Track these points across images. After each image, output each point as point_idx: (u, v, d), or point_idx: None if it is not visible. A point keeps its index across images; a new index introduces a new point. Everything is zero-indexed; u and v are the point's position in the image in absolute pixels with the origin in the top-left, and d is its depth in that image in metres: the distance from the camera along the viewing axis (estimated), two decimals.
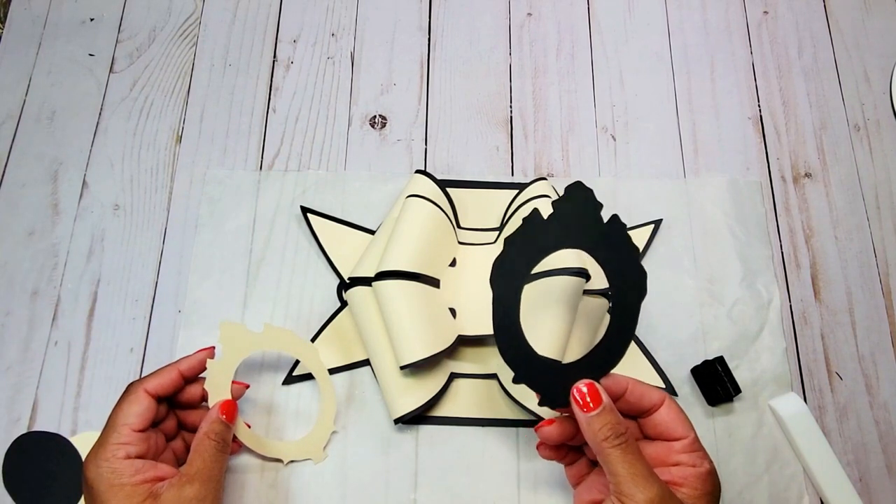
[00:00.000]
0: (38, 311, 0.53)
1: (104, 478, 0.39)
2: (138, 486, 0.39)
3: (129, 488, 0.39)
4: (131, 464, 0.40)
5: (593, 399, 0.38)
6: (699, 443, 0.39)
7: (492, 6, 0.64)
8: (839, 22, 0.64)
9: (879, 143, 0.59)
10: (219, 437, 0.42)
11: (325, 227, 0.55)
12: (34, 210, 0.56)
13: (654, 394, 0.40)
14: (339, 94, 0.61)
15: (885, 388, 0.52)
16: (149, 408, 0.42)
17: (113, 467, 0.39)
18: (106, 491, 0.39)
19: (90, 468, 0.40)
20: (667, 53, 0.63)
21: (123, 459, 0.40)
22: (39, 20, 0.63)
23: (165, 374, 0.44)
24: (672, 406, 0.39)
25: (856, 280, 0.55)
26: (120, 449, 0.40)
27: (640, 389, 0.40)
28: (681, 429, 0.39)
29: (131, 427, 0.41)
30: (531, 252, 0.38)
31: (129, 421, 0.41)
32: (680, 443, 0.39)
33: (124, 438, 0.40)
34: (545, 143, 0.59)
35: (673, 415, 0.39)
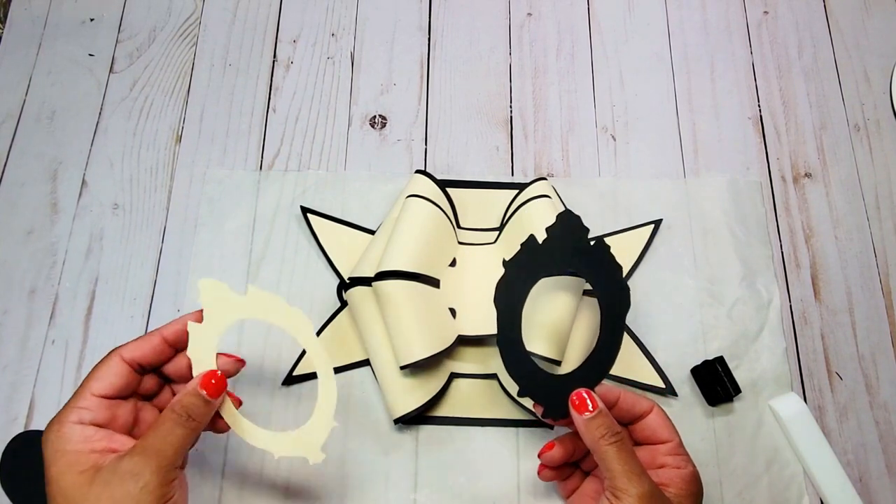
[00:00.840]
0: (35, 310, 0.53)
1: (51, 441, 0.36)
2: (83, 455, 0.36)
3: (71, 455, 0.36)
4: (82, 430, 0.37)
5: (590, 403, 0.41)
6: (683, 447, 0.42)
7: (492, 6, 0.64)
8: (839, 22, 0.64)
9: (879, 143, 0.59)
10: (186, 410, 0.38)
11: (325, 227, 0.55)
12: (33, 209, 0.56)
13: (644, 402, 0.43)
14: (339, 94, 0.61)
15: (885, 388, 0.52)
16: (119, 374, 0.39)
17: (62, 431, 0.36)
18: (51, 455, 0.36)
19: (45, 431, 0.37)
20: (667, 53, 0.63)
21: (75, 424, 0.37)
22: (39, 20, 0.63)
23: (146, 340, 0.40)
24: (660, 412, 0.43)
25: (856, 280, 0.55)
26: (75, 413, 0.37)
27: (631, 398, 0.43)
28: (666, 433, 0.42)
29: (93, 392, 0.38)
30: (529, 273, 0.43)
31: (93, 386, 0.38)
32: (665, 446, 0.42)
33: (83, 402, 0.37)
34: (545, 143, 0.59)
35: (660, 420, 0.42)
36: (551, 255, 0.43)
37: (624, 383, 0.51)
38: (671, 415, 0.50)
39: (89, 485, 0.35)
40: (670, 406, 0.51)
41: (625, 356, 0.51)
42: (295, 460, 0.47)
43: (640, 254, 0.55)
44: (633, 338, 0.52)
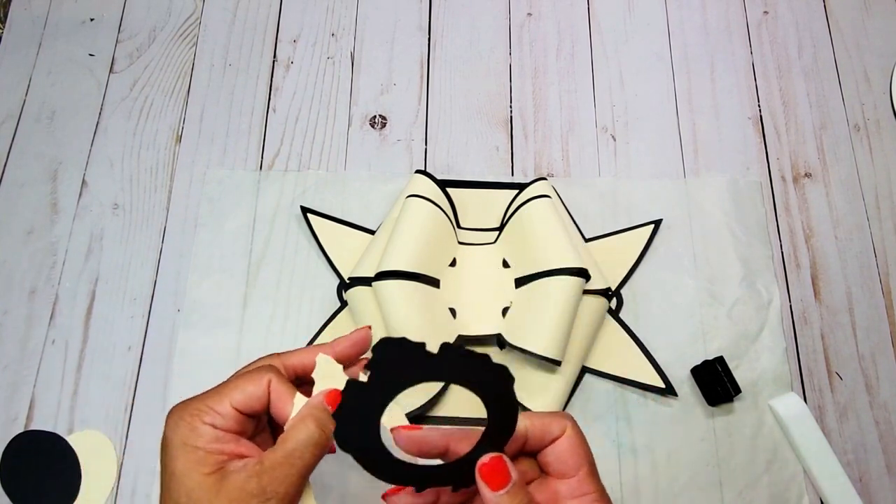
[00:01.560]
0: (35, 310, 0.53)
1: (181, 434, 0.34)
2: (212, 455, 0.34)
3: (201, 453, 0.34)
4: (211, 430, 0.34)
5: (502, 475, 0.33)
6: (592, 481, 0.34)
7: (492, 6, 0.64)
8: (839, 22, 0.64)
9: (879, 143, 0.59)
10: (321, 423, 0.34)
11: (325, 227, 0.55)
12: (33, 209, 0.56)
13: (556, 426, 0.35)
14: (339, 94, 0.61)
15: (885, 388, 0.52)
16: (262, 397, 0.35)
17: (194, 426, 0.34)
18: (178, 447, 0.34)
19: (172, 419, 0.35)
20: (667, 53, 0.63)
21: (205, 423, 0.34)
22: (39, 20, 0.63)
23: (307, 353, 0.37)
24: (571, 438, 0.35)
25: (856, 280, 0.55)
26: (210, 416, 0.35)
27: (539, 427, 0.35)
28: (571, 465, 0.34)
29: (233, 403, 0.35)
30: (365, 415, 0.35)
31: (235, 397, 0.35)
32: (566, 484, 0.34)
33: (220, 408, 0.35)
34: (545, 143, 0.59)
35: (566, 447, 0.35)
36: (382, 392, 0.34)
37: (624, 383, 0.51)
38: (671, 415, 0.50)
39: (216, 491, 0.33)
40: (670, 406, 0.51)
41: (625, 356, 0.51)
42: None
43: (640, 254, 0.55)
44: (633, 338, 0.52)
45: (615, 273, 0.54)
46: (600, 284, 0.51)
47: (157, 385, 0.51)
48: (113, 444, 0.49)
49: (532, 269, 0.50)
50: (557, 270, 0.48)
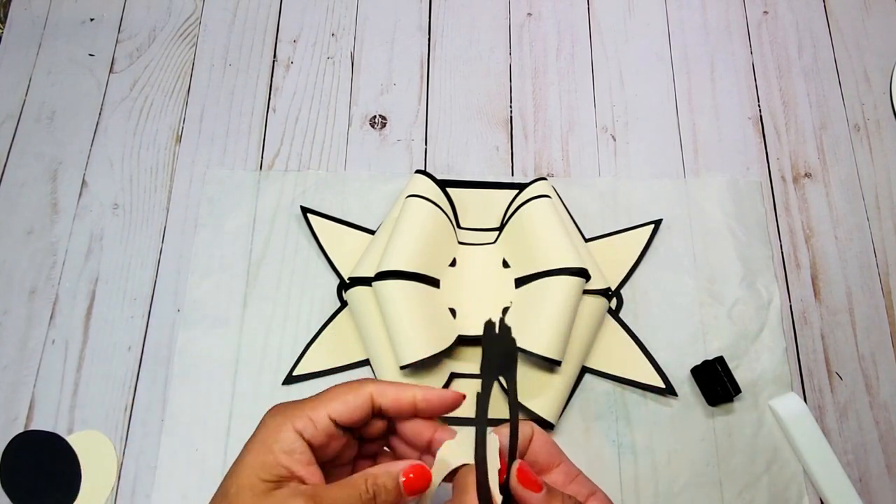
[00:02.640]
0: (35, 310, 0.53)
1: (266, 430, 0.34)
2: (277, 466, 0.33)
3: (270, 458, 0.33)
4: (295, 440, 0.34)
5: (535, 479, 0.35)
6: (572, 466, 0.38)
7: (492, 6, 0.64)
8: (839, 22, 0.64)
9: (879, 143, 0.59)
10: (376, 489, 0.34)
11: (325, 227, 0.55)
12: (33, 209, 0.56)
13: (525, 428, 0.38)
14: (339, 94, 0.61)
15: (885, 388, 0.52)
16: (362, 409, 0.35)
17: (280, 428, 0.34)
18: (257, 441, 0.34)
19: (269, 413, 0.35)
20: (667, 53, 0.63)
21: (295, 432, 0.34)
22: (39, 20, 0.63)
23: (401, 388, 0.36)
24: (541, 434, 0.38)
25: (856, 280, 0.55)
26: (303, 421, 0.34)
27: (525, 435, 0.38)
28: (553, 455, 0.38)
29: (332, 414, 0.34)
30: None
31: (335, 407, 0.35)
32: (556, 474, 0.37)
33: (316, 416, 0.34)
34: (545, 143, 0.59)
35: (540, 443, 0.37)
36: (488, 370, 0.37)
37: (624, 383, 0.51)
38: (671, 415, 0.50)
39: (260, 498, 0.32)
40: (670, 406, 0.51)
41: (625, 356, 0.51)
42: None
43: (640, 254, 0.55)
44: (633, 338, 0.52)
45: (615, 273, 0.54)
46: (600, 284, 0.51)
47: (157, 385, 0.51)
48: (113, 444, 0.49)
49: (532, 269, 0.50)
50: (557, 270, 0.48)
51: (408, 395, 0.36)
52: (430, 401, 0.36)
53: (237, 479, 0.33)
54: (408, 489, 0.34)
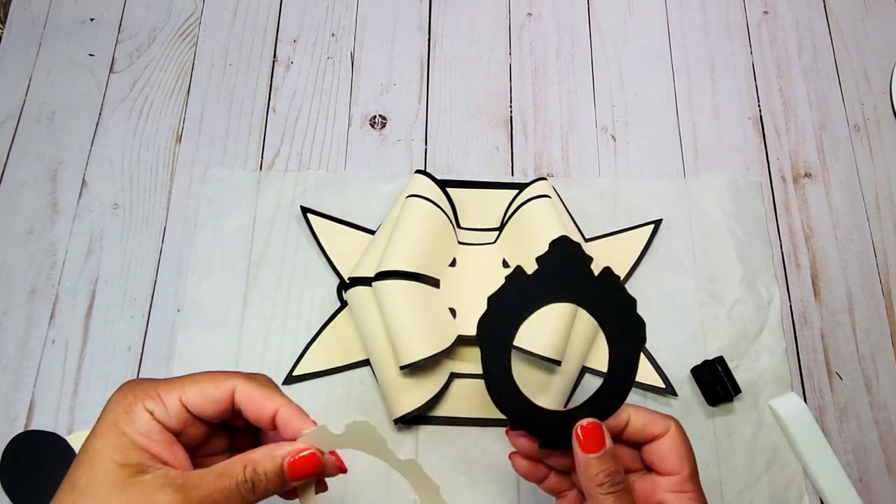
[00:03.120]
0: (35, 310, 0.53)
1: (115, 412, 0.31)
2: (134, 448, 0.30)
3: (125, 440, 0.30)
4: (148, 421, 0.31)
5: (597, 440, 0.35)
6: (692, 482, 0.36)
7: (492, 6, 0.64)
8: (839, 22, 0.64)
9: (879, 143, 0.59)
10: (255, 476, 0.31)
11: (325, 227, 0.55)
12: (33, 209, 0.56)
13: (660, 424, 0.36)
14: (339, 94, 0.61)
15: (885, 388, 0.52)
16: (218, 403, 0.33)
17: (131, 409, 0.31)
18: (106, 425, 0.31)
19: (117, 394, 0.32)
20: (667, 53, 0.63)
21: (145, 411, 0.31)
22: (39, 20, 0.63)
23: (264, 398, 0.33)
24: (674, 437, 0.36)
25: (856, 280, 0.55)
26: (154, 401, 0.32)
27: (642, 421, 0.37)
28: (674, 463, 0.36)
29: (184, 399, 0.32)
30: (517, 309, 0.37)
31: (189, 393, 0.32)
32: (669, 479, 0.36)
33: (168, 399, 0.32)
34: (545, 143, 0.59)
35: (670, 446, 0.36)
36: (544, 289, 0.37)
37: None
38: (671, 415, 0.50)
39: (120, 488, 0.29)
40: (670, 406, 0.51)
41: None
42: None
43: (640, 254, 0.55)
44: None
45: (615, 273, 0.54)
46: None
47: None
48: None
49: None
50: None
51: (268, 407, 0.33)
52: (287, 424, 0.33)
53: (88, 467, 0.30)
54: (292, 474, 0.32)
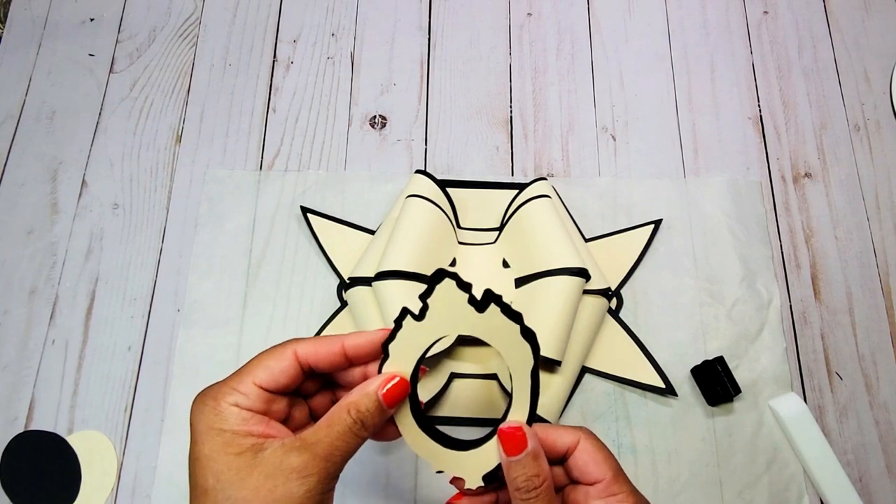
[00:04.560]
0: (35, 310, 0.53)
1: (205, 418, 0.33)
2: (239, 436, 0.33)
3: (228, 435, 0.33)
4: (238, 412, 0.33)
5: (518, 442, 0.35)
6: (618, 483, 0.36)
7: (492, 6, 0.64)
8: (839, 22, 0.64)
9: (879, 143, 0.59)
10: (361, 415, 0.34)
11: (325, 227, 0.55)
12: (33, 209, 0.56)
13: (567, 437, 0.37)
14: (339, 94, 0.61)
15: (885, 388, 0.52)
16: (288, 372, 0.35)
17: (218, 409, 0.33)
18: (204, 432, 0.33)
19: (197, 405, 0.34)
20: (667, 53, 0.63)
21: (231, 406, 0.34)
22: (39, 20, 0.63)
23: (326, 344, 0.36)
24: (587, 447, 0.36)
25: (856, 280, 0.55)
26: (233, 396, 0.34)
27: (550, 437, 0.37)
28: (595, 471, 0.36)
29: (255, 381, 0.34)
30: (413, 351, 0.36)
31: (258, 374, 0.34)
32: (595, 488, 0.36)
33: (243, 388, 0.34)
34: (545, 143, 0.59)
35: (585, 457, 0.36)
36: (433, 324, 0.35)
37: (624, 383, 0.51)
38: (671, 415, 0.50)
39: (249, 469, 0.32)
40: (670, 406, 0.51)
41: (625, 356, 0.51)
42: None
43: (640, 254, 0.55)
44: (633, 338, 0.52)
45: (615, 273, 0.54)
46: (600, 284, 0.51)
47: (158, 385, 0.51)
48: (113, 444, 0.49)
49: (532, 270, 0.50)
50: (557, 270, 0.48)
51: (335, 345, 0.36)
52: (358, 345, 0.36)
53: (209, 470, 0.32)
54: (388, 401, 0.34)
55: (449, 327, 0.35)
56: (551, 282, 0.48)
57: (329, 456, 0.33)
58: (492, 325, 0.34)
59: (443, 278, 0.33)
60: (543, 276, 0.49)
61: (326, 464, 0.33)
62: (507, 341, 0.35)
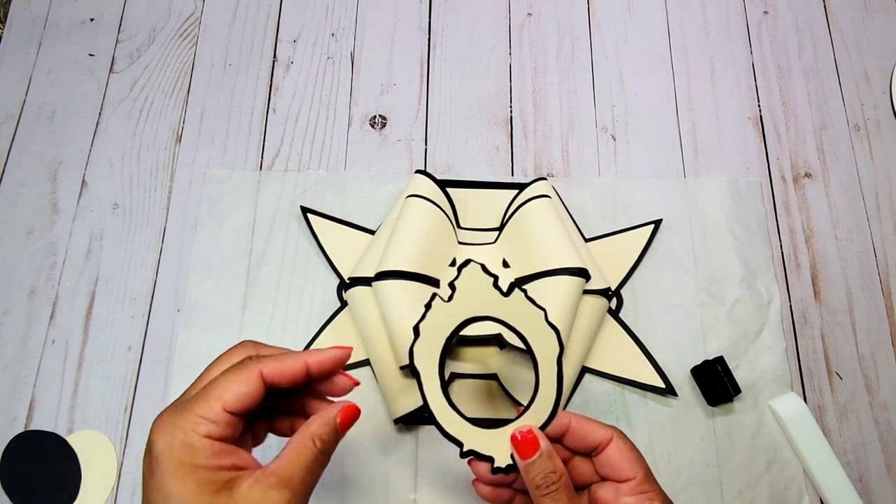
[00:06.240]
0: (35, 310, 0.53)
1: (175, 453, 0.32)
2: (213, 472, 0.32)
3: (202, 472, 0.32)
4: (210, 445, 0.32)
5: (531, 445, 0.37)
6: (649, 483, 0.37)
7: (492, 6, 0.64)
8: (839, 22, 0.64)
9: (879, 143, 0.59)
10: (325, 445, 0.35)
11: (325, 227, 0.55)
12: (33, 209, 0.56)
13: (601, 432, 0.38)
14: (339, 94, 0.61)
15: (885, 388, 0.52)
16: (254, 394, 0.34)
17: (190, 442, 0.32)
18: (174, 469, 0.31)
19: (161, 436, 0.32)
20: (667, 53, 0.63)
21: (203, 437, 0.32)
22: (39, 20, 0.63)
23: (290, 362, 0.36)
24: (620, 445, 0.38)
25: (856, 280, 0.55)
26: (204, 426, 0.32)
27: (584, 428, 0.38)
28: (627, 469, 0.37)
29: (225, 406, 0.33)
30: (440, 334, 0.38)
31: (227, 398, 0.33)
32: (626, 485, 0.37)
33: (213, 415, 0.33)
34: (545, 143, 0.59)
35: (619, 454, 0.38)
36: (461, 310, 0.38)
37: (624, 383, 0.51)
38: (671, 415, 0.50)
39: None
40: (670, 406, 0.51)
41: (625, 356, 0.51)
42: None
43: (640, 254, 0.55)
44: (633, 338, 0.52)
45: (615, 273, 0.54)
46: (600, 284, 0.51)
47: (158, 385, 0.51)
48: (113, 445, 0.49)
49: (532, 269, 0.50)
50: (557, 270, 0.48)
51: (298, 363, 0.36)
52: (322, 362, 0.37)
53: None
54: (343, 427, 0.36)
55: (475, 309, 0.37)
56: (551, 282, 0.48)
57: (303, 489, 0.34)
58: (516, 309, 0.37)
59: (468, 263, 0.37)
60: (543, 276, 0.49)
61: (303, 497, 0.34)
62: (532, 326, 0.37)
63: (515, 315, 0.37)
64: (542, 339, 0.37)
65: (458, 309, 0.38)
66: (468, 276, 0.37)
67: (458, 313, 0.38)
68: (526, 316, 0.37)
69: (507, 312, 0.37)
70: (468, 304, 0.37)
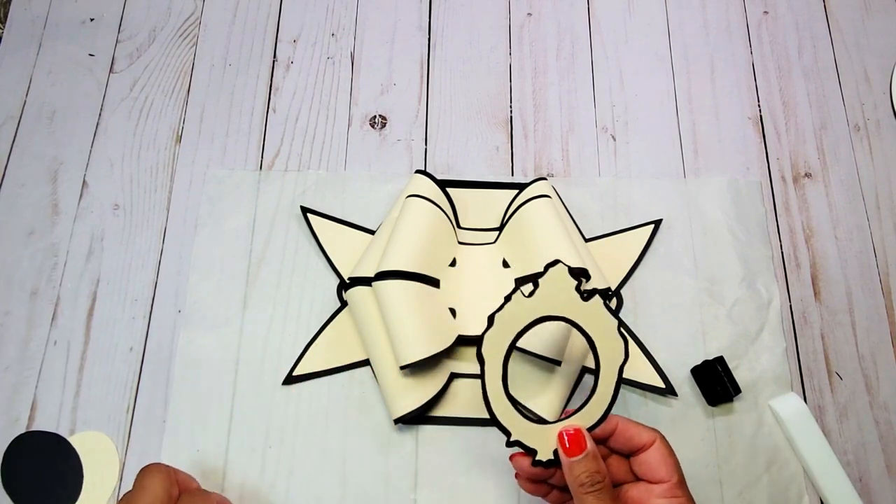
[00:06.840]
0: (37, 311, 0.53)
1: None
2: None
3: None
4: None
5: (578, 444, 0.38)
6: (681, 488, 0.39)
7: (492, 6, 0.64)
8: (839, 22, 0.64)
9: (879, 143, 0.59)
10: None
11: (325, 227, 0.55)
12: (34, 210, 0.56)
13: (645, 434, 0.40)
14: (339, 94, 0.61)
15: (885, 388, 0.52)
16: None
17: None
18: None
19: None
20: (667, 53, 0.63)
21: None
22: (39, 20, 0.63)
23: None
24: (660, 448, 0.40)
25: (856, 280, 0.55)
26: None
27: (630, 430, 0.40)
28: (663, 472, 0.39)
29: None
30: (515, 326, 0.40)
31: None
32: (660, 486, 0.39)
33: None
34: (545, 143, 0.59)
35: (658, 456, 0.39)
36: (540, 307, 0.39)
37: (624, 383, 0.51)
38: (671, 415, 0.50)
39: None
40: (670, 406, 0.51)
41: None
42: None
43: (640, 254, 0.55)
44: (633, 338, 0.52)
45: (615, 273, 0.54)
46: (600, 284, 0.51)
47: (159, 385, 0.51)
48: (115, 445, 0.49)
49: (532, 269, 0.50)
50: None
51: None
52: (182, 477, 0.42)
53: None
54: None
55: (554, 308, 0.39)
56: None
57: None
58: (592, 315, 0.39)
59: (556, 264, 0.39)
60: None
61: None
62: (604, 333, 0.39)
63: (589, 320, 0.39)
64: (611, 346, 0.39)
65: (536, 305, 0.39)
66: (553, 276, 0.39)
67: (535, 309, 0.39)
68: (599, 322, 0.39)
69: (582, 316, 0.39)
70: (547, 302, 0.39)
